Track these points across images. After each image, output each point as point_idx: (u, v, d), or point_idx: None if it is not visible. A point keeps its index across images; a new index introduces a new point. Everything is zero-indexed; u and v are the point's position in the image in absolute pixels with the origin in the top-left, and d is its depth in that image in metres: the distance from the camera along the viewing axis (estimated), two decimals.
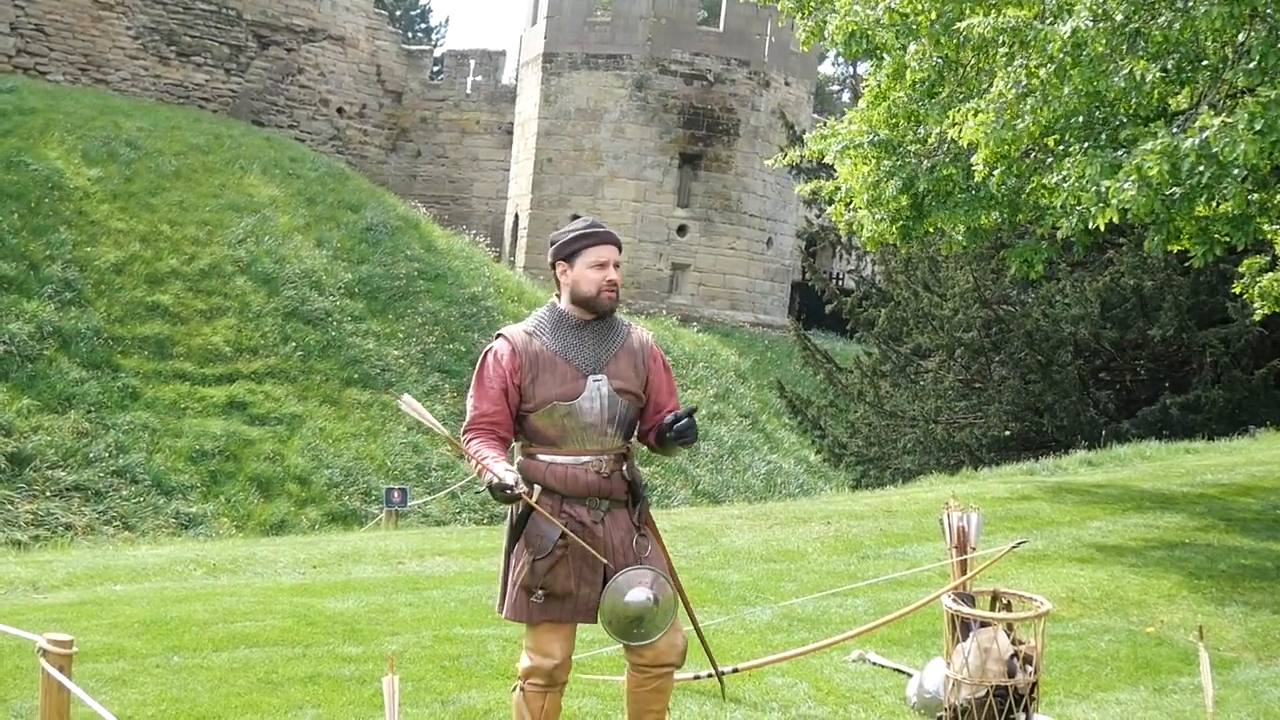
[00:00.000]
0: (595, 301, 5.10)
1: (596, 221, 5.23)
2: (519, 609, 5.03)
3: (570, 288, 5.13)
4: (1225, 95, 9.51)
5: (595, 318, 5.16)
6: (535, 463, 5.09)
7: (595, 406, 5.04)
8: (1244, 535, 12.15)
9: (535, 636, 5.03)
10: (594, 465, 5.07)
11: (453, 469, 23.53)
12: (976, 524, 6.62)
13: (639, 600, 4.98)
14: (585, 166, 38.22)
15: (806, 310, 37.21)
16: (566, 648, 5.05)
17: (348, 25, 41.52)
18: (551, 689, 5.03)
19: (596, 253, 5.08)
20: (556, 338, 5.11)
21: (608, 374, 5.09)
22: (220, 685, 6.75)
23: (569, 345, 5.10)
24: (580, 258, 5.09)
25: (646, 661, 5.12)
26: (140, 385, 22.30)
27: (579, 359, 5.09)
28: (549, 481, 5.05)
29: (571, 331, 5.13)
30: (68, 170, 26.73)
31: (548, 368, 5.04)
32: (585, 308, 5.13)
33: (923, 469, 20.86)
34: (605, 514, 5.08)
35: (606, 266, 5.09)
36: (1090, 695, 7.17)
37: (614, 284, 5.11)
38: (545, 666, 4.99)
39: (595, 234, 5.12)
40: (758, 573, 10.38)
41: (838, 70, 67.74)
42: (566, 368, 5.06)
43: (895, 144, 11.39)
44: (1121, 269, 20.37)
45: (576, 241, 5.11)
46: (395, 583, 9.94)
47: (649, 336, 5.36)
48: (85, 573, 10.30)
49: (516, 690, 5.09)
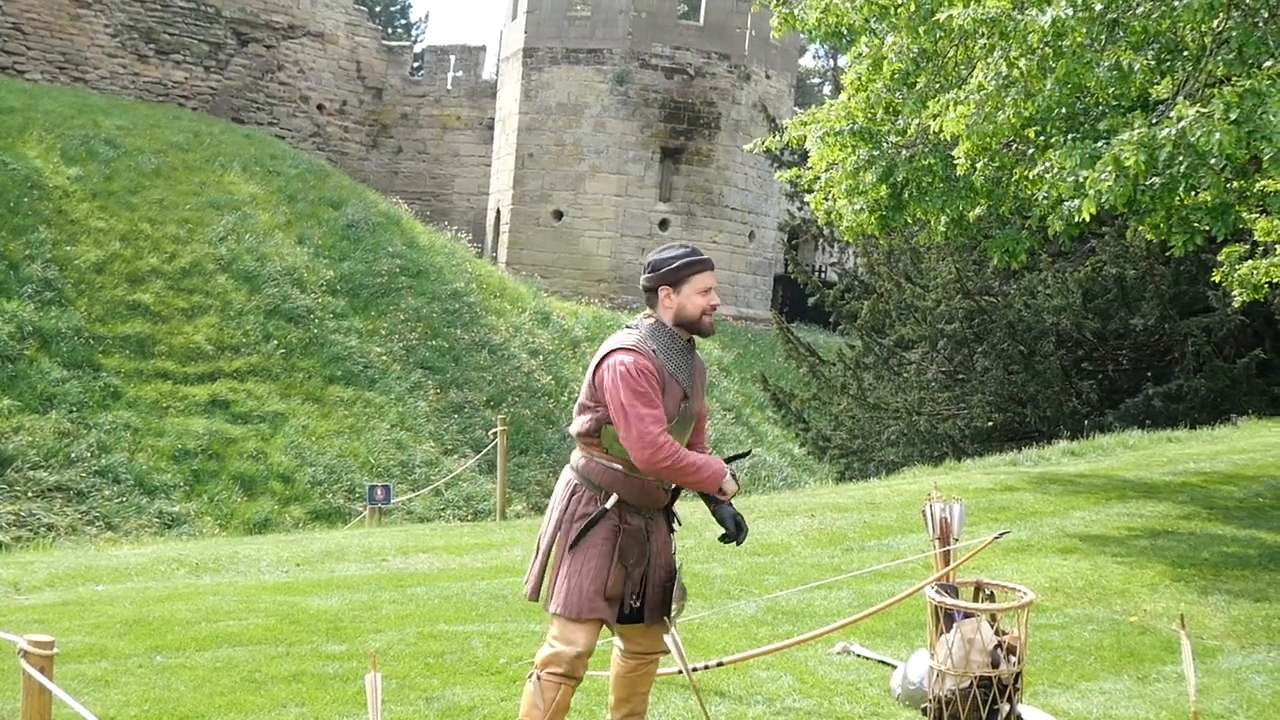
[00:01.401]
0: (698, 324, 5.28)
1: (696, 249, 5.36)
2: (582, 606, 5.14)
3: (674, 311, 5.28)
4: (1204, 85, 9.52)
5: (689, 339, 5.35)
6: (610, 470, 5.25)
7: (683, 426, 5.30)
8: (1226, 523, 12.19)
9: (567, 626, 5.15)
10: (660, 482, 5.29)
11: (436, 466, 23.51)
12: (959, 515, 6.63)
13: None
14: (567, 161, 38.18)
15: (789, 303, 37.25)
16: (593, 639, 5.19)
17: (327, 22, 41.42)
18: (568, 681, 5.16)
19: (703, 279, 5.27)
20: (670, 358, 5.26)
21: (694, 394, 5.36)
22: (204, 685, 6.73)
23: (679, 366, 5.29)
24: (687, 284, 5.25)
25: (642, 649, 5.41)
26: (122, 385, 22.23)
27: (685, 380, 5.29)
28: (623, 492, 5.22)
29: (678, 352, 5.30)
30: (47, 169, 26.63)
31: (667, 385, 5.21)
32: (688, 329, 5.30)
33: (906, 461, 20.89)
34: (651, 519, 5.32)
35: (710, 292, 5.28)
36: (1074, 685, 7.18)
37: (714, 308, 5.32)
38: (568, 654, 5.11)
39: (701, 261, 5.29)
40: (742, 566, 10.38)
41: (819, 63, 67.86)
42: (677, 388, 5.25)
43: (873, 132, 11.38)
44: (1103, 259, 20.41)
45: (684, 269, 5.26)
46: (379, 580, 9.93)
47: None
48: (67, 573, 10.27)
49: (532, 678, 5.20)
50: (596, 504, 5.20)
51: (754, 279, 40.36)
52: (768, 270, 41.02)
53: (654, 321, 5.31)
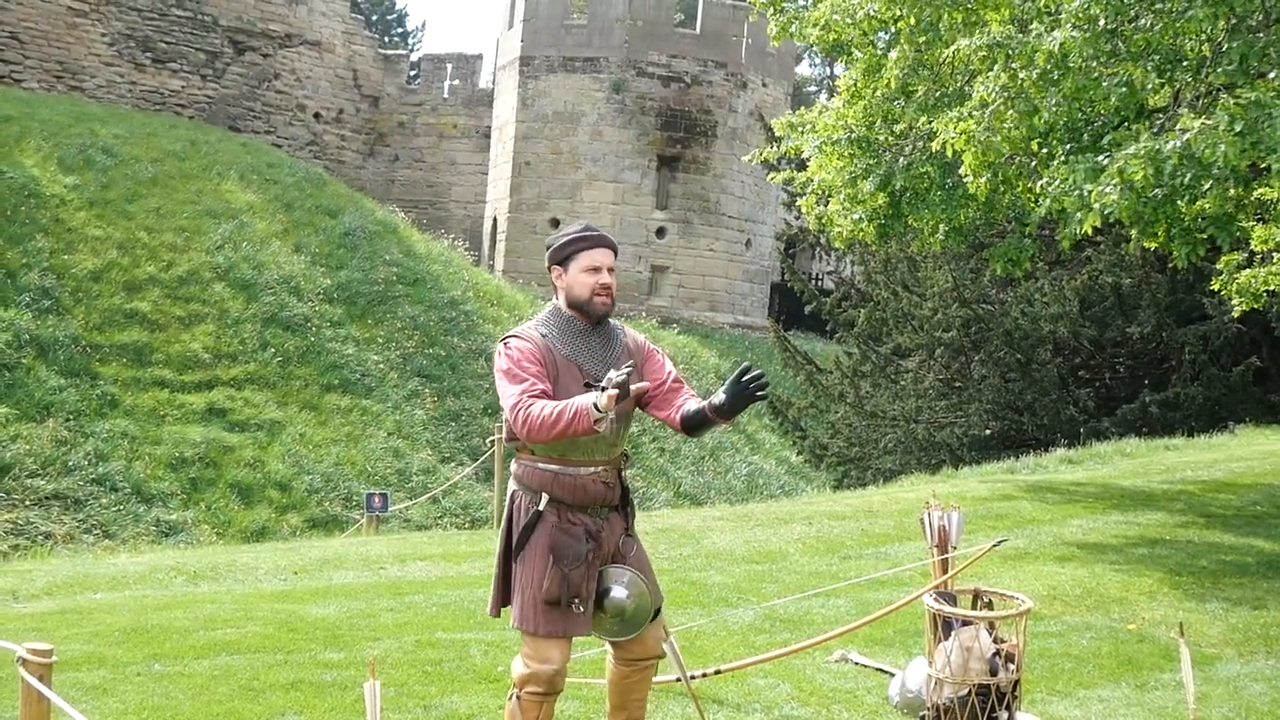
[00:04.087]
0: (588, 305, 5.07)
1: (590, 226, 5.18)
2: (535, 620, 5.00)
3: (565, 292, 5.11)
4: (1204, 94, 9.53)
5: (596, 323, 5.11)
6: (540, 472, 5.07)
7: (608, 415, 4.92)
8: (1224, 531, 12.19)
9: (536, 643, 5.01)
10: (601, 475, 5.09)
11: (433, 474, 23.50)
12: (957, 523, 6.62)
13: (618, 598, 5.05)
14: (563, 170, 38.20)
15: (786, 311, 37.28)
16: (566, 653, 5.06)
17: (324, 30, 41.42)
18: (549, 697, 5.04)
19: (590, 256, 5.05)
20: (566, 341, 5.06)
21: None
22: (202, 693, 6.72)
23: (579, 350, 5.06)
24: (574, 262, 5.07)
25: (635, 656, 5.22)
26: (119, 393, 22.22)
27: (591, 365, 5.04)
28: (556, 491, 5.03)
29: (580, 336, 5.09)
30: (44, 178, 26.63)
31: (565, 371, 4.99)
32: (579, 312, 5.09)
33: (903, 469, 20.89)
34: (604, 520, 5.12)
35: (600, 270, 5.06)
36: (1072, 693, 7.19)
37: (607, 288, 5.08)
38: (545, 673, 4.98)
39: (588, 238, 5.10)
40: (739, 574, 10.38)
41: (815, 71, 67.90)
42: (576, 372, 5.01)
43: (870, 141, 11.40)
44: (1100, 267, 20.43)
45: (569, 245, 5.08)
46: (376, 588, 9.92)
47: (640, 337, 5.33)
48: (65, 581, 10.26)
49: (512, 699, 5.08)
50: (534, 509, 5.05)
51: (751, 287, 40.37)
52: (764, 278, 41.04)
53: (552, 307, 5.17)
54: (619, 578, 5.06)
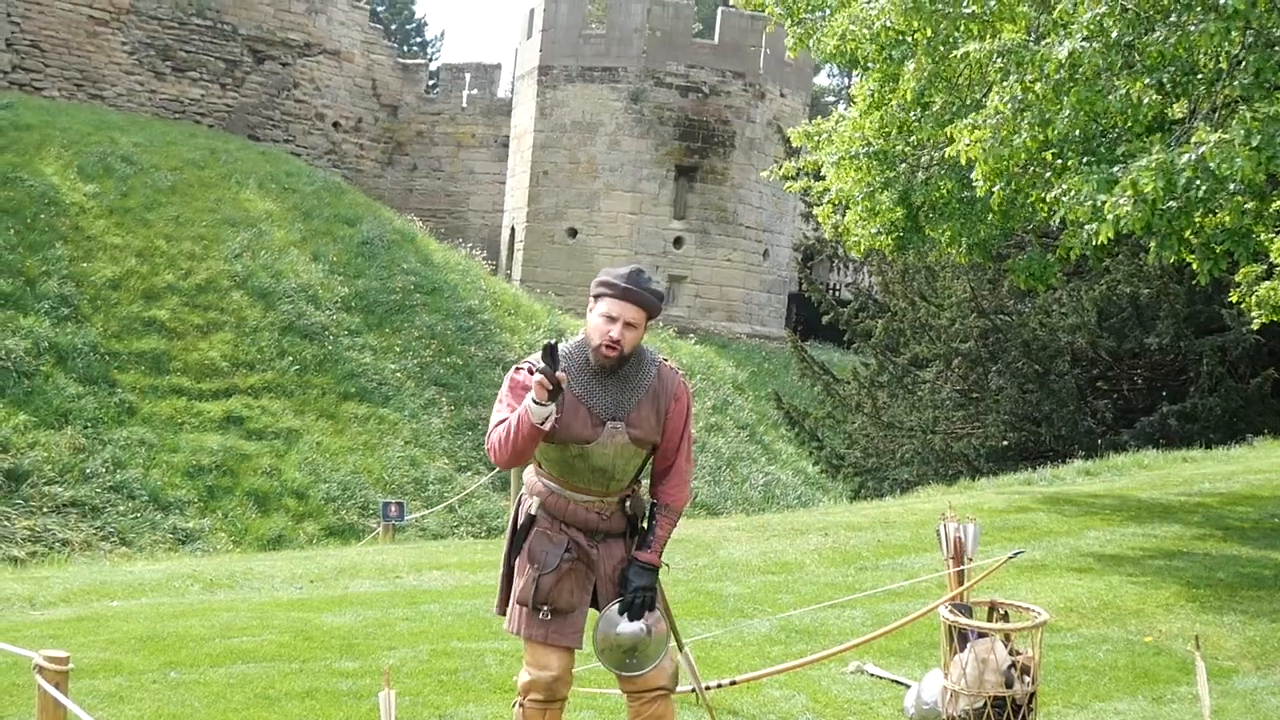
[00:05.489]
0: (593, 352, 4.96)
1: (637, 276, 4.97)
2: (518, 623, 5.04)
3: (587, 329, 5.02)
4: (1220, 107, 9.50)
5: (618, 363, 5.00)
6: (539, 482, 5.09)
7: (608, 453, 4.94)
8: (1242, 544, 12.14)
9: (533, 650, 5.02)
10: (595, 505, 5.05)
11: (450, 483, 23.52)
12: (973, 535, 6.61)
13: (632, 632, 5.01)
14: (581, 179, 38.22)
15: (803, 321, 37.20)
16: (565, 661, 5.03)
17: (343, 39, 41.54)
18: (552, 704, 5.02)
19: (610, 305, 4.91)
20: (580, 381, 4.97)
21: (627, 422, 4.98)
22: (217, 701, 6.74)
23: (592, 391, 4.98)
24: (598, 303, 4.96)
25: (636, 688, 5.13)
26: (137, 400, 22.29)
27: (600, 406, 4.97)
28: (548, 504, 5.05)
29: (594, 377, 4.99)
30: (64, 186, 26.74)
31: (570, 410, 4.91)
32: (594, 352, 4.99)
33: (920, 480, 20.85)
34: (601, 542, 5.09)
35: (616, 322, 4.90)
36: (1088, 705, 7.17)
37: (615, 343, 4.91)
38: (544, 679, 4.98)
39: (615, 286, 4.92)
40: (755, 584, 10.37)
41: (833, 82, 67.90)
42: (587, 414, 4.95)
43: (888, 153, 11.38)
44: (1118, 278, 20.36)
45: (600, 286, 4.97)
46: (392, 597, 9.93)
47: (679, 376, 5.20)
48: (82, 589, 10.29)
49: (516, 706, 5.08)
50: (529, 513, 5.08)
51: (768, 297, 40.35)
52: (782, 288, 41.01)
53: (583, 336, 5.08)
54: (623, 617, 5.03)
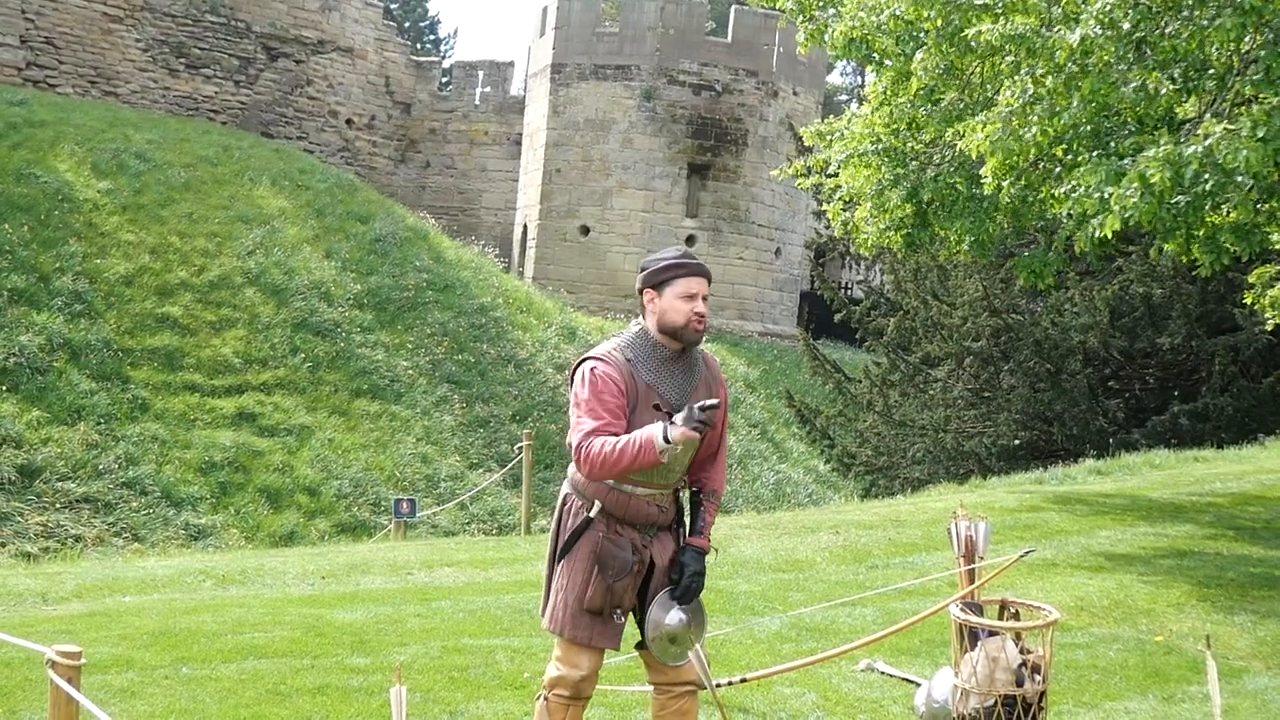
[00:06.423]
0: (683, 333, 5.01)
1: (688, 252, 5.12)
2: (561, 623, 5.05)
3: (657, 316, 5.04)
4: (1232, 104, 9.49)
5: (681, 349, 5.07)
6: (594, 484, 5.06)
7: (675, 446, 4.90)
8: (1253, 544, 12.12)
9: (566, 648, 5.05)
10: (656, 499, 5.09)
11: (461, 480, 23.54)
12: (985, 533, 6.61)
13: (676, 621, 5.06)
14: (594, 177, 38.23)
15: (815, 320, 37.17)
16: (596, 661, 5.09)
17: (356, 37, 41.57)
18: (576, 702, 5.07)
19: (686, 284, 4.99)
20: (651, 369, 5.01)
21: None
22: (229, 696, 6.76)
23: (663, 379, 5.03)
24: (670, 287, 5.00)
25: (668, 680, 5.19)
26: (150, 397, 22.32)
27: (671, 394, 5.02)
28: (608, 504, 5.05)
29: (664, 364, 5.04)
30: (77, 182, 26.79)
31: (644, 400, 4.96)
32: (672, 337, 5.04)
33: (931, 478, 20.84)
34: (654, 538, 5.13)
35: (695, 298, 4.99)
36: (1099, 704, 7.16)
37: (702, 316, 5.01)
38: (573, 678, 5.02)
39: (686, 265, 5.03)
40: (766, 582, 10.38)
41: (846, 80, 67.85)
42: (661, 403, 4.98)
43: (898, 150, 11.37)
44: (1130, 277, 20.35)
45: (667, 270, 5.02)
46: (404, 594, 9.95)
47: (715, 362, 5.29)
48: (94, 584, 10.32)
49: (540, 699, 5.13)
50: (585, 514, 5.08)
51: (780, 295, 40.33)
52: (794, 287, 40.99)
53: (639, 329, 5.12)
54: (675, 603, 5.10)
